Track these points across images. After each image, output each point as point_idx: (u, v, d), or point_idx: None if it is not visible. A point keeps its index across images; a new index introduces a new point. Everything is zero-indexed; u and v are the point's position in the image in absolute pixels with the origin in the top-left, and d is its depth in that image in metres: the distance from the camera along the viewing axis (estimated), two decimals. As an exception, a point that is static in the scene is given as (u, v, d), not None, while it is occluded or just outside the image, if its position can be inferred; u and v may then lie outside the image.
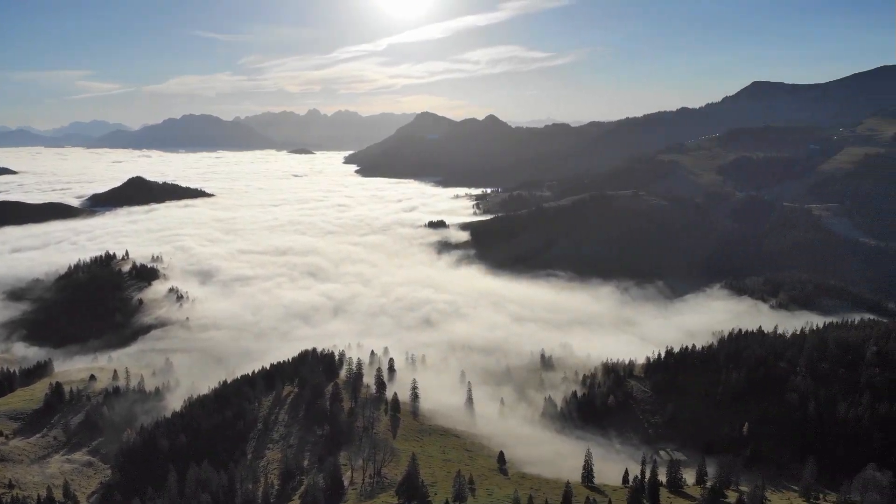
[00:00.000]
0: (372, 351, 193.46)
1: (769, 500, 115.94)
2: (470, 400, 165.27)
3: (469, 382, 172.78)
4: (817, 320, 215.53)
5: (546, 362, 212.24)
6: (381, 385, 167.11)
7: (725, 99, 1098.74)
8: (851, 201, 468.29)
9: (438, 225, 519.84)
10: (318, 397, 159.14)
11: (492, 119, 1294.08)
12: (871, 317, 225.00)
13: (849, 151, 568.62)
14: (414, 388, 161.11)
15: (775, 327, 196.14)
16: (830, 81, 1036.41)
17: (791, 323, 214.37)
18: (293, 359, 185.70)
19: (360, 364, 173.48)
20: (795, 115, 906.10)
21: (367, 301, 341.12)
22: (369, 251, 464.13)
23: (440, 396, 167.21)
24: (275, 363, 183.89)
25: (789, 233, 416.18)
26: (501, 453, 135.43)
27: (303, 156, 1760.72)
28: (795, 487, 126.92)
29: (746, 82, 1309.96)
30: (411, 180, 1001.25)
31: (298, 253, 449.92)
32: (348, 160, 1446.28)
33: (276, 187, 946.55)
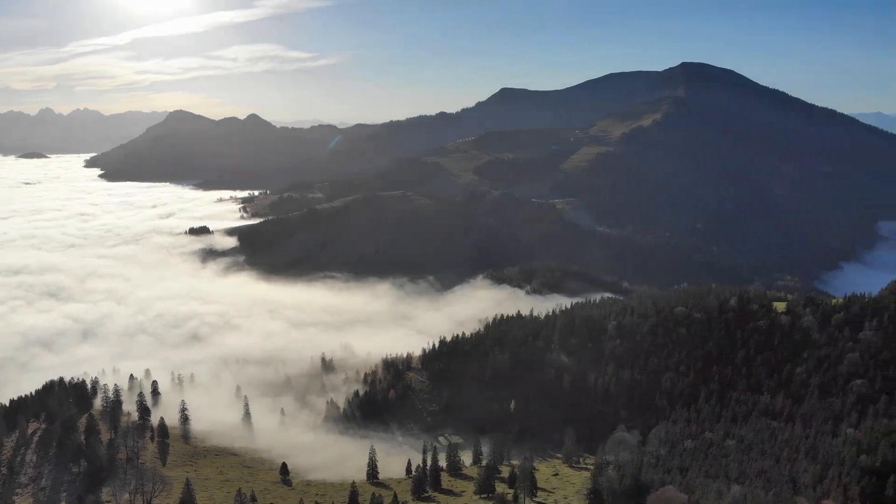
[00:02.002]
0: (131, 375, 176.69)
1: (537, 470, 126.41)
2: (248, 415, 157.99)
3: (245, 397, 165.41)
4: (566, 302, 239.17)
5: (327, 365, 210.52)
6: (144, 411, 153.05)
7: (479, 104, 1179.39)
8: (588, 195, 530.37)
9: (201, 231, 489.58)
10: (71, 431, 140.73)
11: (254, 118, 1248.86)
12: (610, 295, 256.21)
13: (584, 151, 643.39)
14: (183, 409, 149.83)
15: (531, 310, 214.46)
16: (568, 87, 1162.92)
17: (545, 306, 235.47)
18: (37, 391, 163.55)
19: (117, 390, 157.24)
20: (539, 119, 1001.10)
21: (122, 320, 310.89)
22: (121, 264, 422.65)
23: (214, 415, 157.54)
24: (15, 398, 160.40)
25: (538, 226, 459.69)
26: (284, 464, 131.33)
27: (35, 160, 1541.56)
28: (559, 455, 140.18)
29: (496, 88, 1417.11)
30: (166, 184, 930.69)
31: (34, 271, 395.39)
32: (90, 164, 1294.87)
33: (4, 197, 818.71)
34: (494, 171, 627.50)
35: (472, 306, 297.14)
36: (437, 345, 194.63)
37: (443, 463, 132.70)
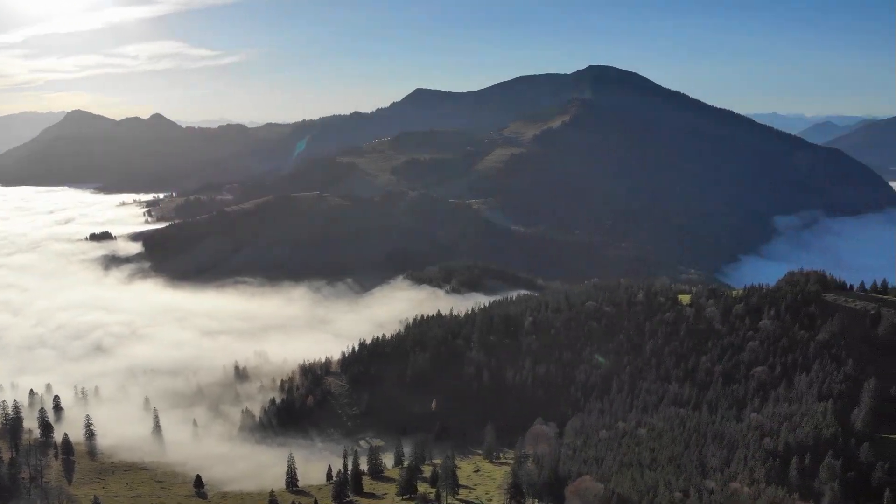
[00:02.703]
0: (31, 390, 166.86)
1: (459, 468, 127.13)
2: (158, 427, 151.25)
3: (155, 409, 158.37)
4: (484, 300, 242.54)
5: (241, 374, 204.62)
6: (46, 427, 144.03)
7: (393, 104, 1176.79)
8: (503, 195, 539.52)
9: (103, 237, 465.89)
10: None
11: (158, 118, 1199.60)
12: (526, 292, 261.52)
13: (498, 152, 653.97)
14: (88, 424, 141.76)
15: (451, 310, 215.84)
16: (480, 89, 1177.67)
17: (464, 304, 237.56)
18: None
19: (17, 407, 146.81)
20: (454, 119, 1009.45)
21: (20, 333, 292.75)
22: (17, 274, 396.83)
23: (122, 430, 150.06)
24: None
25: (456, 225, 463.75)
26: (198, 477, 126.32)
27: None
28: (480, 451, 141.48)
29: (410, 89, 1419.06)
30: (65, 188, 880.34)
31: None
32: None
33: None
34: (411, 171, 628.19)
35: (393, 307, 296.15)
36: (356, 348, 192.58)
37: (364, 467, 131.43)
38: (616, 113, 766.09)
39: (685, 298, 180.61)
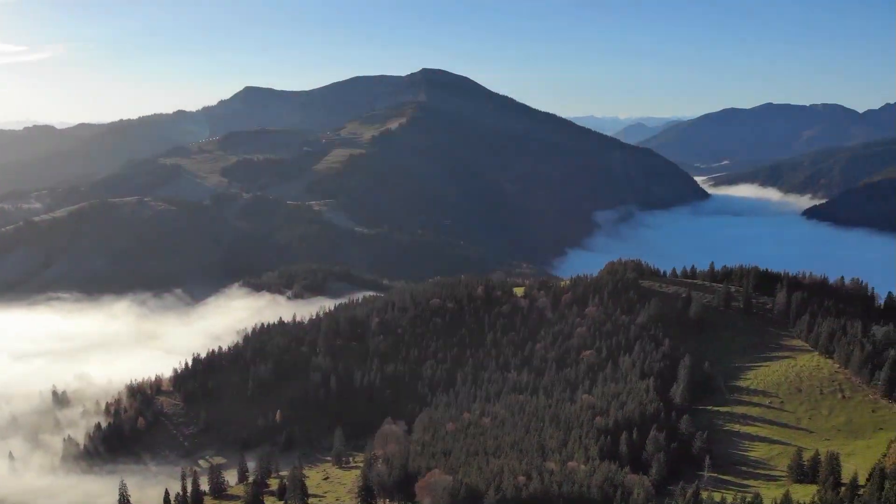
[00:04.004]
0: None
1: (307, 477, 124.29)
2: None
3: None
4: (329, 303, 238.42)
5: (60, 399, 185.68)
6: None
7: (221, 102, 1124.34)
8: (344, 196, 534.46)
9: None
10: None
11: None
12: (372, 293, 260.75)
13: (336, 153, 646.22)
14: None
15: (294, 316, 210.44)
16: (314, 88, 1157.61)
17: (307, 309, 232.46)
18: None
19: None
20: (286, 119, 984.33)
21: None
22: None
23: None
24: None
25: (295, 228, 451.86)
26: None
27: None
28: (329, 458, 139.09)
29: (240, 86, 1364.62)
30: None
31: None
32: None
33: None
34: (244, 172, 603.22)
35: (229, 317, 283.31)
36: (189, 363, 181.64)
37: (205, 487, 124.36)
38: (450, 116, 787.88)
39: (520, 291, 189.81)
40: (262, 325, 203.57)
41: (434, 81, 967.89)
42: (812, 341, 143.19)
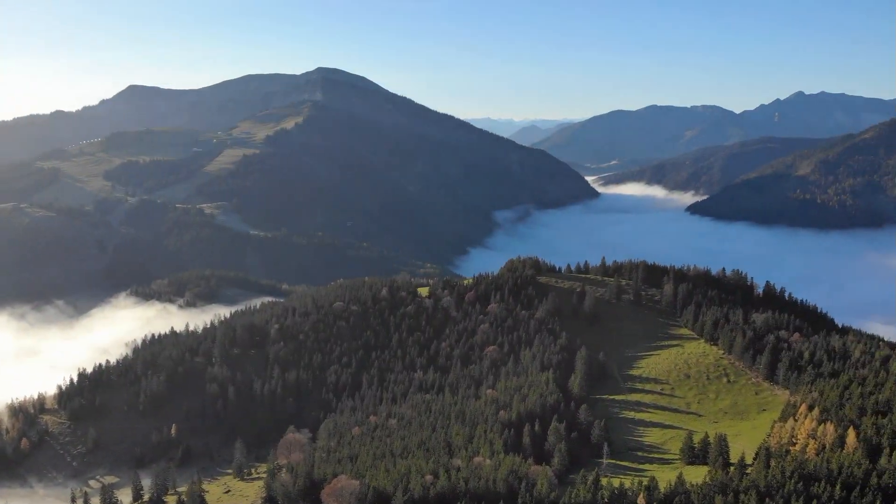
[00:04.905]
0: None
1: (207, 492, 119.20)
2: None
3: None
4: (224, 311, 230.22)
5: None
6: None
7: (103, 102, 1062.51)
8: (237, 198, 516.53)
9: None
10: None
11: None
12: (270, 299, 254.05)
13: (228, 153, 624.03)
14: None
15: (187, 325, 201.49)
16: (204, 87, 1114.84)
17: (201, 318, 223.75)
18: None
19: None
20: (174, 119, 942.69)
21: None
22: None
23: None
24: None
25: (186, 232, 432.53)
26: None
27: None
28: (230, 471, 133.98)
29: (123, 85, 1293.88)
30: None
31: None
32: None
33: None
34: (129, 175, 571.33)
35: (117, 329, 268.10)
36: (75, 379, 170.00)
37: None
38: (348, 115, 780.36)
39: (424, 291, 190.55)
40: (153, 335, 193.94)
41: (331, 80, 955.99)
42: (698, 329, 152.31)
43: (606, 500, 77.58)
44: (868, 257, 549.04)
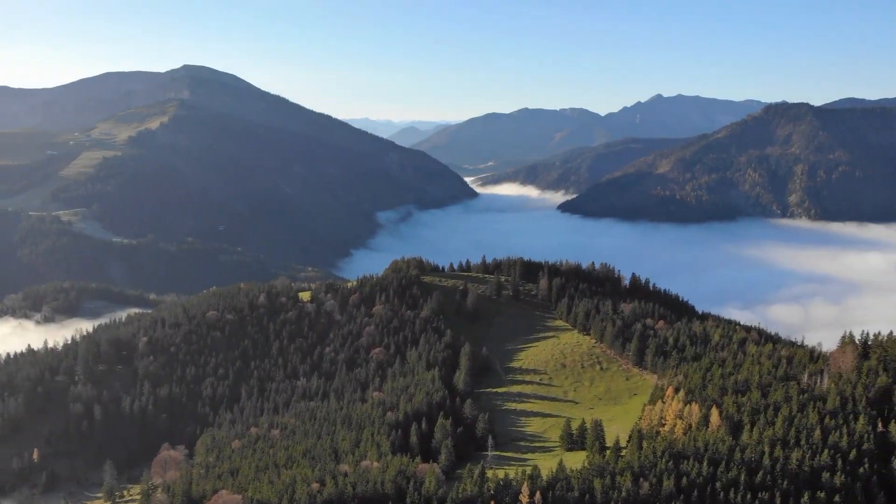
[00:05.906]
0: None
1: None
2: None
3: None
4: (87, 325, 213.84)
5: None
6: None
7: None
8: (98, 204, 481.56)
9: None
10: None
11: None
12: (137, 310, 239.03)
13: (87, 156, 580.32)
14: None
15: (45, 342, 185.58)
16: (59, 86, 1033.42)
17: (61, 333, 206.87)
18: None
19: None
20: (26, 119, 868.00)
21: None
22: None
23: None
24: None
25: (42, 242, 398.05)
26: None
27: None
28: (100, 494, 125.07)
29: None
30: None
31: None
32: None
33: None
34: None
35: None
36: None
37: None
38: (218, 114, 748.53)
39: (306, 296, 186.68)
40: (8, 354, 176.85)
41: (198, 78, 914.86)
42: (571, 320, 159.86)
43: (492, 492, 79.37)
44: (723, 248, 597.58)
